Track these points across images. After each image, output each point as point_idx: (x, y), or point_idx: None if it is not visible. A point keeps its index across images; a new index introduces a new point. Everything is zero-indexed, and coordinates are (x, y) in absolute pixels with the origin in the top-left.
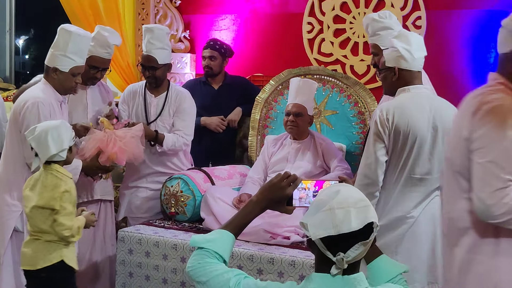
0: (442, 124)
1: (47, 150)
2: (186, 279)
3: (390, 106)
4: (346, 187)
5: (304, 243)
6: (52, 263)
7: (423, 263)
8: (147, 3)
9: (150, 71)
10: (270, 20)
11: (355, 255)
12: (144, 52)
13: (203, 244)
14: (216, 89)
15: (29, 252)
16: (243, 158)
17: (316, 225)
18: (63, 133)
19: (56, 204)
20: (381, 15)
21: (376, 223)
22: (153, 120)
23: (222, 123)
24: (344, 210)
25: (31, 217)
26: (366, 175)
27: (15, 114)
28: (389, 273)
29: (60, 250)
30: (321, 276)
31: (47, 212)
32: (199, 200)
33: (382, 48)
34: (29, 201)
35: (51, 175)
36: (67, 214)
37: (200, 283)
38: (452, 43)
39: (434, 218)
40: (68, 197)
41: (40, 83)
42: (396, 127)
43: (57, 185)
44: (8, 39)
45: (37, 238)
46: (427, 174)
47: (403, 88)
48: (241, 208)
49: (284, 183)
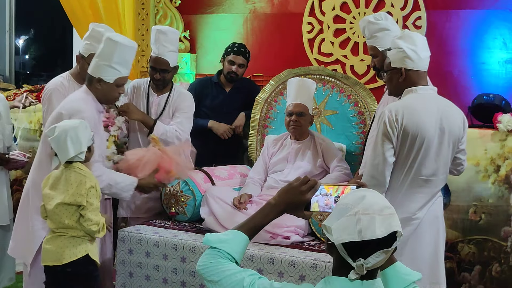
0: (449, 126)
1: (66, 152)
2: (187, 279)
3: (399, 107)
4: (372, 193)
5: (304, 243)
6: (78, 257)
7: (426, 264)
8: (147, 3)
9: (161, 73)
10: (270, 20)
11: (375, 262)
12: (155, 54)
13: (216, 244)
14: (227, 91)
15: (52, 248)
16: (243, 158)
17: (340, 230)
18: (81, 134)
19: (83, 200)
20: (376, 17)
21: (400, 232)
22: (154, 119)
23: (229, 131)
24: (369, 217)
25: (55, 213)
26: (374, 176)
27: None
28: (403, 281)
29: (85, 244)
30: (339, 280)
31: (73, 208)
32: (199, 200)
33: (380, 50)
34: (50, 199)
35: (74, 173)
36: (94, 209)
37: (212, 282)
38: (452, 43)
39: (437, 219)
40: (94, 193)
41: (81, 92)
42: (405, 128)
43: (82, 182)
44: (8, 39)
45: (61, 235)
46: (432, 176)
47: (410, 89)
48: (258, 210)
49: (304, 187)
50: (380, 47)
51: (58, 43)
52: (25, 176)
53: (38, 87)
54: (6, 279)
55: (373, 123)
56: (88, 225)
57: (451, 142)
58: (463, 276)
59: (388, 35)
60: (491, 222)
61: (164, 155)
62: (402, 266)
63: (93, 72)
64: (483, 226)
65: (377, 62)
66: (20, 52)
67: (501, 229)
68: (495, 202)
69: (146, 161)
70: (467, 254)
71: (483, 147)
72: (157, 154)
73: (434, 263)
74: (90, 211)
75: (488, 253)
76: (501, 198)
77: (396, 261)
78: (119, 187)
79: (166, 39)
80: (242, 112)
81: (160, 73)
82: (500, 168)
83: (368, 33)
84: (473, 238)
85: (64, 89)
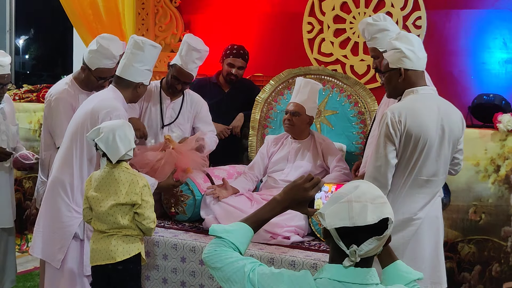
0: (449, 126)
1: (117, 150)
2: (187, 278)
3: (402, 109)
4: (366, 184)
5: (304, 243)
6: (131, 255)
7: (427, 264)
8: (147, 3)
9: (183, 85)
10: (270, 20)
11: (368, 250)
12: (183, 67)
13: (222, 234)
14: (226, 92)
15: (104, 247)
16: (242, 158)
17: (332, 215)
18: (128, 132)
19: (138, 198)
20: (375, 18)
21: (391, 220)
22: (167, 123)
23: (226, 131)
24: (361, 204)
25: (109, 215)
26: (376, 178)
27: (93, 120)
28: (404, 278)
29: (137, 243)
30: (334, 266)
31: (127, 208)
32: (199, 200)
33: (381, 51)
34: (100, 201)
35: (123, 172)
36: (150, 206)
37: (215, 269)
38: (452, 43)
39: (437, 219)
40: (147, 191)
41: (111, 92)
42: (408, 129)
43: (134, 181)
44: (8, 39)
45: (112, 234)
46: (433, 176)
47: (411, 90)
48: (263, 205)
49: (308, 184)
50: (381, 48)
51: (58, 43)
52: (25, 176)
53: (38, 87)
54: (9, 281)
55: (374, 123)
56: (147, 222)
57: (451, 142)
58: (463, 276)
59: (388, 36)
60: (491, 222)
61: (179, 155)
62: (403, 264)
63: (133, 78)
64: (483, 226)
65: (378, 63)
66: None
67: (501, 229)
68: (495, 202)
69: (164, 164)
70: (467, 254)
71: (483, 147)
72: (173, 155)
73: (435, 263)
74: (147, 209)
75: (488, 253)
76: (501, 198)
77: (397, 259)
78: None
79: (199, 57)
80: (241, 113)
81: (182, 84)
82: (500, 168)
83: (367, 34)
84: (473, 238)
85: (70, 97)
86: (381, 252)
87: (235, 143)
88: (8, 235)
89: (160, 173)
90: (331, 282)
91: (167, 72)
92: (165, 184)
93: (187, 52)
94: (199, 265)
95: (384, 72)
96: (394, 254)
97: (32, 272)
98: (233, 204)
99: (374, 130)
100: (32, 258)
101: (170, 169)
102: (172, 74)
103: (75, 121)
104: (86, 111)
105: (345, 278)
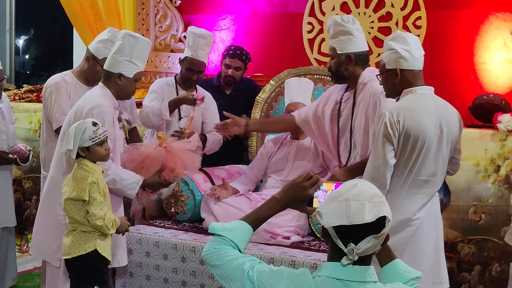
0: (447, 126)
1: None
2: (187, 278)
3: (400, 109)
4: (364, 182)
5: (304, 243)
6: (86, 252)
7: (427, 264)
8: (147, 3)
9: (198, 75)
10: (270, 20)
11: (366, 248)
12: (195, 57)
13: (221, 231)
14: (228, 94)
15: (67, 242)
16: (243, 158)
17: (330, 214)
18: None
19: (85, 195)
20: (344, 19)
21: (388, 218)
22: (183, 116)
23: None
24: (359, 203)
25: (66, 209)
26: (374, 178)
27: (77, 117)
28: (403, 277)
29: (94, 240)
30: (332, 264)
31: (79, 203)
32: (199, 200)
33: (339, 53)
34: (63, 195)
35: (81, 169)
36: (97, 204)
37: (215, 267)
38: (452, 43)
39: (436, 218)
40: (96, 188)
41: (99, 89)
42: (406, 130)
43: (84, 177)
44: (8, 39)
45: (74, 229)
46: (432, 176)
47: (409, 90)
48: (262, 203)
49: (307, 183)
50: (339, 50)
51: (58, 43)
52: (25, 176)
53: (38, 87)
54: (10, 279)
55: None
56: (93, 219)
57: (449, 142)
58: (463, 276)
59: (351, 40)
60: (491, 222)
61: (169, 154)
62: (401, 263)
63: (112, 68)
64: (483, 226)
65: (333, 64)
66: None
67: (501, 229)
68: (495, 202)
69: (150, 161)
70: (467, 254)
71: (483, 147)
72: (162, 153)
73: (435, 263)
74: (93, 206)
75: (488, 253)
76: (501, 198)
77: (396, 258)
78: (124, 183)
79: (206, 43)
80: (243, 114)
81: (197, 74)
82: (500, 168)
83: (332, 32)
84: (473, 238)
85: (66, 84)
86: (380, 251)
87: (236, 143)
88: (9, 234)
89: (146, 171)
90: (330, 280)
91: (180, 68)
92: (150, 181)
93: (194, 40)
94: (199, 265)
95: (381, 73)
96: (392, 252)
97: (32, 272)
98: (233, 204)
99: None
100: (32, 258)
101: (156, 167)
102: (185, 66)
103: (66, 120)
104: (74, 109)
105: (343, 276)
